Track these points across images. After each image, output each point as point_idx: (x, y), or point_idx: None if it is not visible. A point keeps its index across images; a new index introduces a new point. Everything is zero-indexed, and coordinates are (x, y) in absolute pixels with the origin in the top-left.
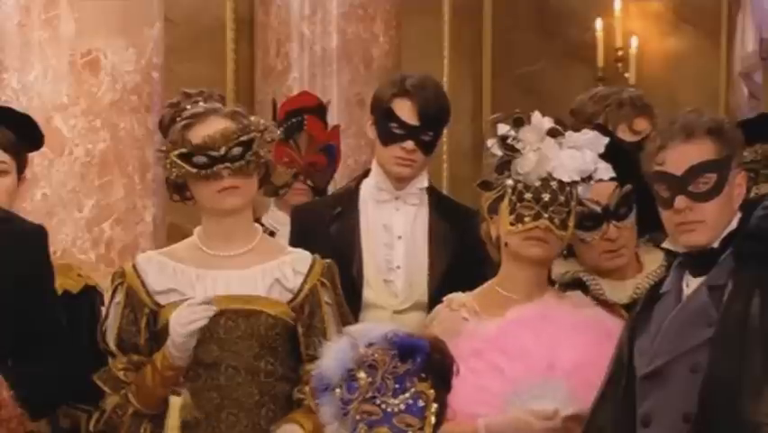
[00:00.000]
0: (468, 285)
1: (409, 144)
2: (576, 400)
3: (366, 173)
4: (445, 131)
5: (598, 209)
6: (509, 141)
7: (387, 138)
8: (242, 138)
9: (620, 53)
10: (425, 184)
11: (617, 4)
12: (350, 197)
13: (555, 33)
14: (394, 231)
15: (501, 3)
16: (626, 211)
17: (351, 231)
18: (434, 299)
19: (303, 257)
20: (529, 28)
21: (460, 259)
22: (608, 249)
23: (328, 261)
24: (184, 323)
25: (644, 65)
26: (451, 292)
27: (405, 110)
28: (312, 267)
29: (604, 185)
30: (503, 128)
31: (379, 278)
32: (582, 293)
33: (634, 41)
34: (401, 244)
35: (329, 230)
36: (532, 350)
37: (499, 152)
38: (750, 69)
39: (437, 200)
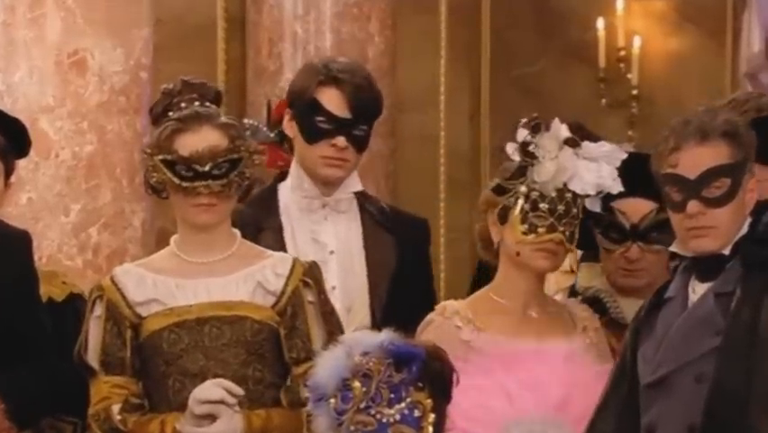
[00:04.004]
0: (416, 305)
1: (340, 141)
2: None
3: (281, 176)
4: (442, 133)
5: (626, 225)
6: (530, 148)
7: (312, 135)
8: (230, 156)
9: (622, 53)
10: (359, 187)
11: (620, 3)
12: (267, 205)
13: (555, 33)
14: (327, 246)
15: (499, 1)
16: (656, 236)
17: (272, 246)
18: (381, 323)
19: (283, 259)
20: (528, 27)
21: (405, 274)
22: (625, 267)
23: (310, 260)
24: (204, 394)
25: (646, 65)
26: (398, 314)
27: (333, 100)
28: (293, 268)
29: (642, 203)
30: (522, 133)
31: None
32: (598, 312)
33: (636, 41)
34: (334, 261)
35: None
36: (546, 385)
37: (517, 158)
38: (756, 69)
39: (369, 206)
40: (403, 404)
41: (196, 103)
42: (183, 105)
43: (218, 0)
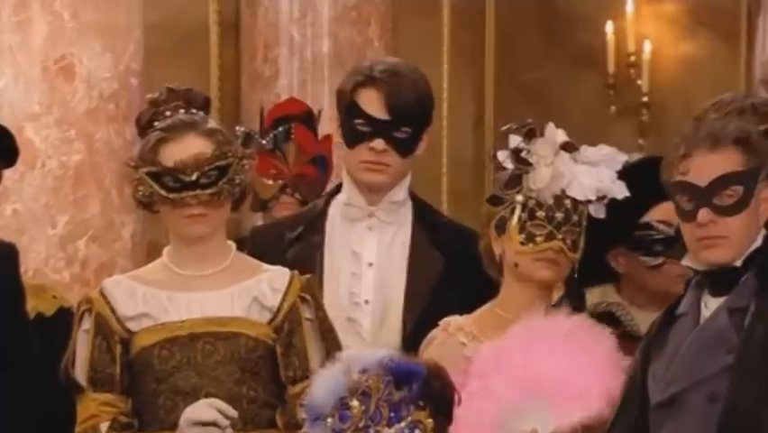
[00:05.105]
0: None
1: (378, 144)
2: (559, 416)
3: (338, 188)
4: (444, 141)
5: (671, 232)
6: (523, 154)
7: (351, 138)
8: (218, 163)
9: (633, 59)
10: (402, 196)
11: (629, 7)
12: (315, 216)
13: (563, 37)
14: (364, 257)
15: (505, 4)
16: None
17: (311, 257)
18: (409, 340)
19: (281, 273)
20: (535, 32)
21: (444, 291)
22: (683, 273)
23: (308, 275)
24: (197, 414)
25: (658, 71)
26: (427, 333)
27: (371, 102)
28: (291, 283)
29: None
30: (515, 140)
31: (341, 315)
32: (611, 326)
33: (647, 46)
34: (371, 274)
35: (286, 256)
36: (521, 368)
37: (511, 166)
38: None
39: (422, 214)
40: (403, 423)
41: (182, 111)
42: (168, 113)
43: (211, 3)
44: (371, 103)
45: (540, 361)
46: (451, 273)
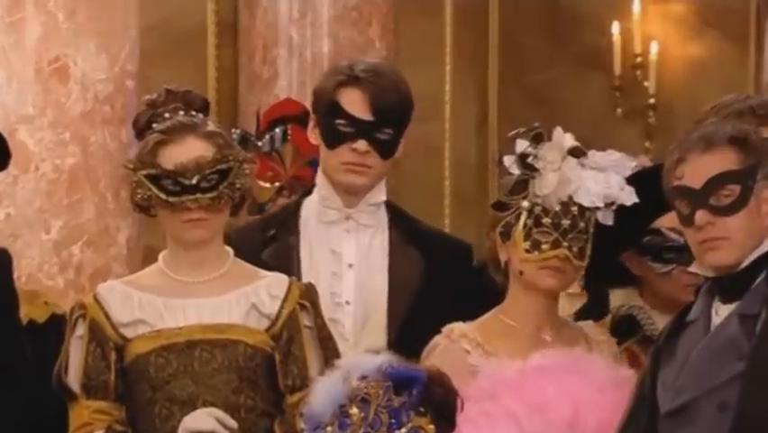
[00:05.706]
0: (436, 331)
1: (361, 145)
2: None
3: (309, 190)
4: (447, 144)
5: (681, 240)
6: (530, 159)
7: (332, 139)
8: (219, 167)
9: (639, 60)
10: (382, 198)
11: (636, 7)
12: (287, 216)
13: (568, 38)
14: (344, 257)
15: (509, 4)
16: None
17: (287, 257)
18: (395, 343)
19: (279, 280)
20: (540, 32)
21: (427, 294)
22: (692, 282)
23: (307, 282)
24: (195, 424)
25: (665, 73)
26: (415, 336)
27: (354, 102)
28: (289, 290)
29: None
30: (522, 144)
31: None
32: (631, 330)
33: (654, 47)
34: (352, 274)
35: (260, 257)
36: (553, 404)
37: (517, 171)
38: None
39: (398, 220)
40: (404, 429)
41: (181, 112)
42: (167, 115)
43: (209, 3)
44: (354, 103)
45: (573, 403)
46: (432, 275)
